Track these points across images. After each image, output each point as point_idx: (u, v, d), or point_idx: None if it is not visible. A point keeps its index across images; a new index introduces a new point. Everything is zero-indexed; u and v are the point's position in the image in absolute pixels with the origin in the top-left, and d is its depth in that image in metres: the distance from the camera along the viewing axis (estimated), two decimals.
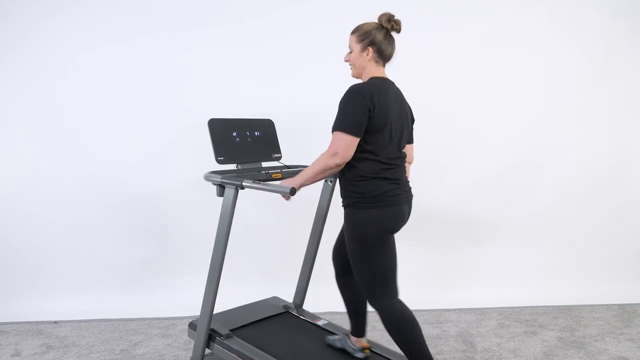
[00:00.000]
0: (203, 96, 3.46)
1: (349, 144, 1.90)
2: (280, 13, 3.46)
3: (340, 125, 1.91)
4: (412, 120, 2.21)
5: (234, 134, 2.41)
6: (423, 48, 3.53)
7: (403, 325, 1.99)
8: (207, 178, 2.29)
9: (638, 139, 3.80)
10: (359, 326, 2.35)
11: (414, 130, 2.25)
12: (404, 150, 2.13)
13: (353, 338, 2.36)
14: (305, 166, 2.59)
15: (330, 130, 1.96)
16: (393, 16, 2.05)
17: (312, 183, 2.03)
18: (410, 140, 2.22)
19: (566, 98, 3.68)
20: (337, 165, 1.93)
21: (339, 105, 1.95)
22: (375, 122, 1.93)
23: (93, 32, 3.37)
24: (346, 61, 2.12)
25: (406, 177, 2.14)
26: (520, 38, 3.60)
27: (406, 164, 2.20)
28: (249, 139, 2.47)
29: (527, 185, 3.72)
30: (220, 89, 3.47)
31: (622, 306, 3.60)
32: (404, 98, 2.12)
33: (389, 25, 2.03)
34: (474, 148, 3.67)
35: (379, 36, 2.02)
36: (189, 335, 2.56)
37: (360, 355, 2.33)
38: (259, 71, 3.48)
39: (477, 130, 3.66)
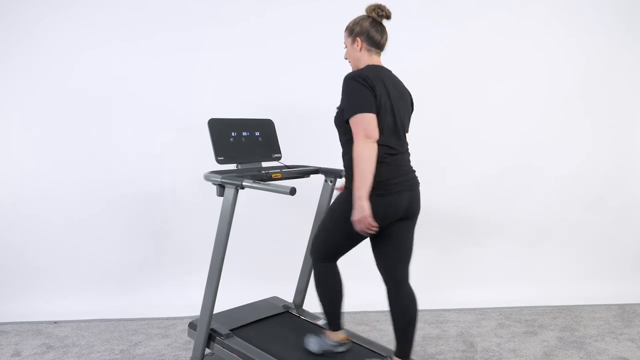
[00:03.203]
0: (203, 96, 3.46)
1: (371, 121, 1.91)
2: (281, 12, 3.46)
3: (353, 108, 1.92)
4: (412, 108, 2.20)
5: (234, 134, 2.41)
6: (423, 48, 3.54)
7: (331, 283, 2.20)
8: (207, 178, 2.29)
9: (638, 139, 3.80)
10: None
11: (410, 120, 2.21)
12: None
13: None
14: (306, 166, 2.61)
15: (334, 124, 2.05)
16: (379, 5, 2.07)
17: (370, 180, 1.89)
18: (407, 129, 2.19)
19: (566, 98, 3.68)
20: (374, 146, 1.90)
21: (343, 95, 1.98)
22: (378, 105, 1.94)
23: (93, 33, 3.37)
24: (345, 59, 2.18)
25: (410, 164, 2.12)
26: (520, 38, 3.60)
27: None
28: (249, 139, 2.47)
29: (527, 185, 3.72)
30: (220, 89, 3.47)
31: (622, 306, 3.60)
32: (403, 85, 2.13)
33: (374, 13, 2.06)
34: (474, 148, 3.67)
35: (365, 25, 2.07)
36: (189, 335, 2.56)
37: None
38: (259, 71, 3.48)
39: (477, 131, 3.66)
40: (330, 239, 2.15)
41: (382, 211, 1.99)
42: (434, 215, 3.60)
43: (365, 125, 1.90)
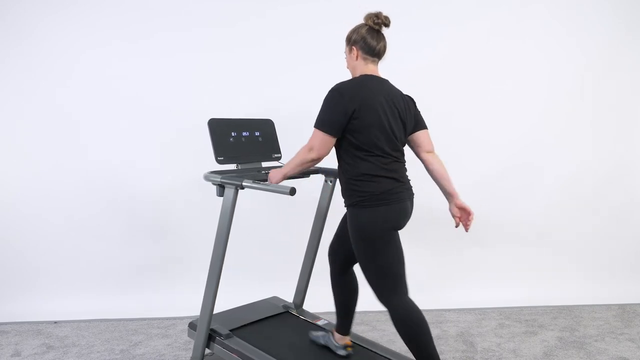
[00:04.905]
0: (203, 96, 3.46)
1: (325, 141, 1.96)
2: (281, 12, 3.46)
3: (319, 122, 1.97)
4: (414, 111, 2.14)
5: (234, 134, 2.41)
6: (423, 48, 3.54)
7: (411, 325, 1.97)
8: (207, 178, 2.29)
9: (638, 139, 3.80)
10: (345, 325, 2.35)
11: (421, 116, 2.17)
12: (417, 138, 2.13)
13: (337, 335, 2.36)
14: None
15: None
16: (376, 13, 2.05)
17: (295, 174, 2.13)
18: (421, 126, 2.16)
19: (566, 98, 3.68)
20: (313, 160, 2.00)
21: (323, 101, 1.99)
22: (363, 120, 1.93)
23: (93, 33, 3.37)
24: (347, 68, 2.16)
25: (407, 175, 2.10)
26: (520, 38, 3.60)
27: (426, 154, 2.15)
28: (249, 139, 2.47)
29: (527, 185, 3.72)
30: (220, 89, 3.47)
31: (622, 306, 3.60)
32: (399, 93, 2.08)
33: (370, 21, 2.04)
34: (474, 148, 3.67)
35: (362, 32, 2.05)
36: (189, 335, 2.56)
37: (342, 352, 2.34)
38: (260, 71, 3.48)
39: (477, 131, 3.66)
40: (382, 265, 1.98)
41: (395, 217, 1.98)
42: (434, 215, 3.59)
43: (316, 141, 1.96)
